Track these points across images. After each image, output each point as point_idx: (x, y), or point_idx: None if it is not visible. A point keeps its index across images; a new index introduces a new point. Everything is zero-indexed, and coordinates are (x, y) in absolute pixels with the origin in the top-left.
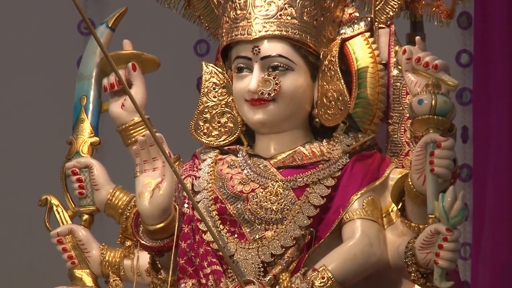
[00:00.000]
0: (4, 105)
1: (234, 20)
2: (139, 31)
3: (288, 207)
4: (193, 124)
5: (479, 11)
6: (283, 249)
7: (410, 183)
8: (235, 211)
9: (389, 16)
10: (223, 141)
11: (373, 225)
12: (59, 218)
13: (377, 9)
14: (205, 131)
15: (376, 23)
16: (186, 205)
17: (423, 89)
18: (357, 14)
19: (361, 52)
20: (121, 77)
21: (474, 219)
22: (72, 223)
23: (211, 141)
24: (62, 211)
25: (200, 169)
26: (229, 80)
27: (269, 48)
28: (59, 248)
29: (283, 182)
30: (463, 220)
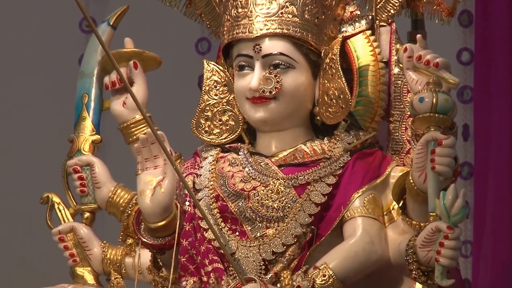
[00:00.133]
0: (4, 105)
1: (235, 18)
2: (141, 29)
3: (289, 205)
4: (194, 122)
5: (480, 9)
6: (284, 247)
7: (411, 181)
8: (236, 209)
9: (390, 14)
10: (224, 139)
11: (374, 223)
12: (60, 216)
13: (378, 7)
14: (207, 129)
15: (377, 21)
16: (187, 203)
17: (424, 87)
18: (358, 12)
19: (362, 50)
20: (122, 75)
21: (475, 217)
22: (73, 221)
23: (213, 139)
24: (63, 209)
25: (201, 167)
26: (231, 78)
27: (271, 46)
28: (60, 246)
29: (284, 180)
30: (464, 218)
